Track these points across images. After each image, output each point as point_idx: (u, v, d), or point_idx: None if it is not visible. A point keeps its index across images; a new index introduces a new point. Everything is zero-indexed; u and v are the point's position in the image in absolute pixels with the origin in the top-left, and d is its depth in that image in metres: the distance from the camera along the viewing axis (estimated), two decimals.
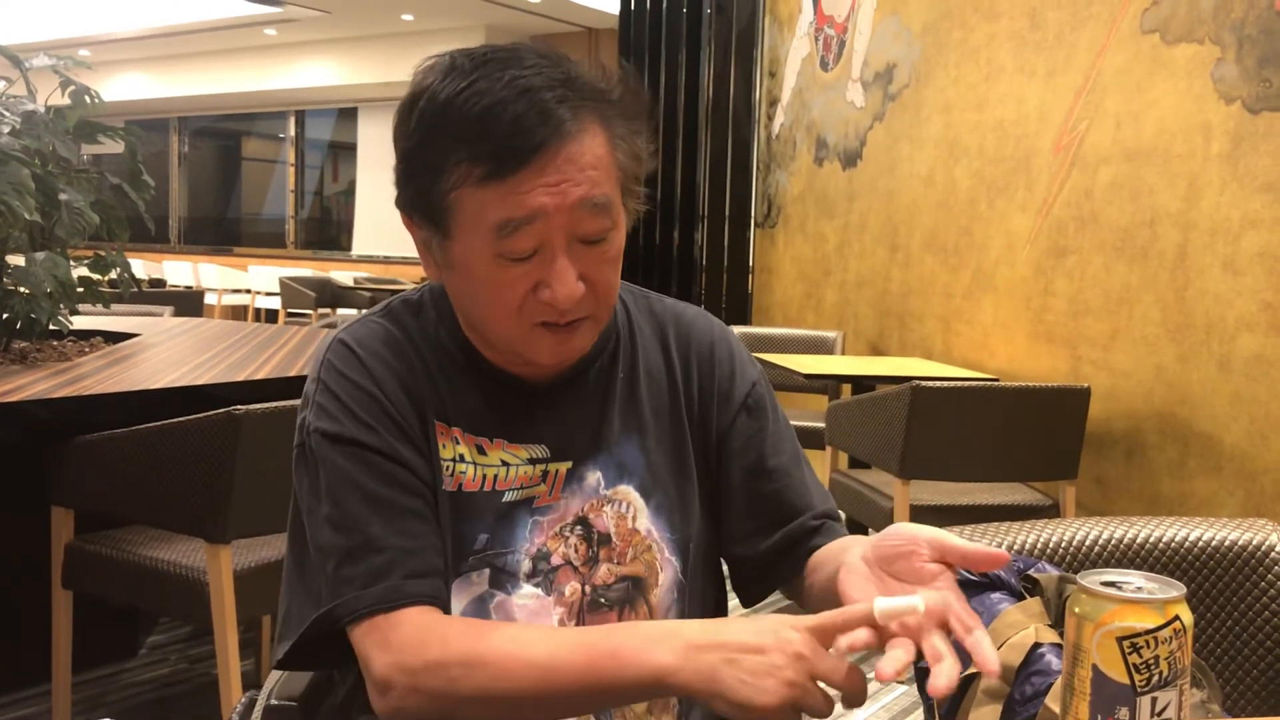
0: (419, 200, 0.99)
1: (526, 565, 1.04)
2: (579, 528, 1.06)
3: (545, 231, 0.95)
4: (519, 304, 0.98)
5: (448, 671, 0.90)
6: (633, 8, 6.65)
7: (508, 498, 1.04)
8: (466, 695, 0.90)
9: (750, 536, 1.12)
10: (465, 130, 0.93)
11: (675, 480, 1.11)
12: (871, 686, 2.91)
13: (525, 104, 0.93)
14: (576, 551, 1.06)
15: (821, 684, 0.81)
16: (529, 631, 0.95)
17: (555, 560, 1.05)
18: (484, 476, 1.04)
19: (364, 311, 1.11)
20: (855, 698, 0.81)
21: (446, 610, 0.98)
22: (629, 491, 1.08)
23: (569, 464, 1.07)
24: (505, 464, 1.05)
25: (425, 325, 1.08)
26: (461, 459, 1.04)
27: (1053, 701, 0.85)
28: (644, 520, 1.08)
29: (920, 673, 0.99)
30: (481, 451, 1.05)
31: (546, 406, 1.07)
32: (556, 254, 0.96)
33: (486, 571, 1.03)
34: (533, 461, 1.06)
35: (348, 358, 1.04)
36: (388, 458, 1.00)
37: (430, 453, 1.03)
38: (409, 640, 0.92)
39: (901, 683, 2.97)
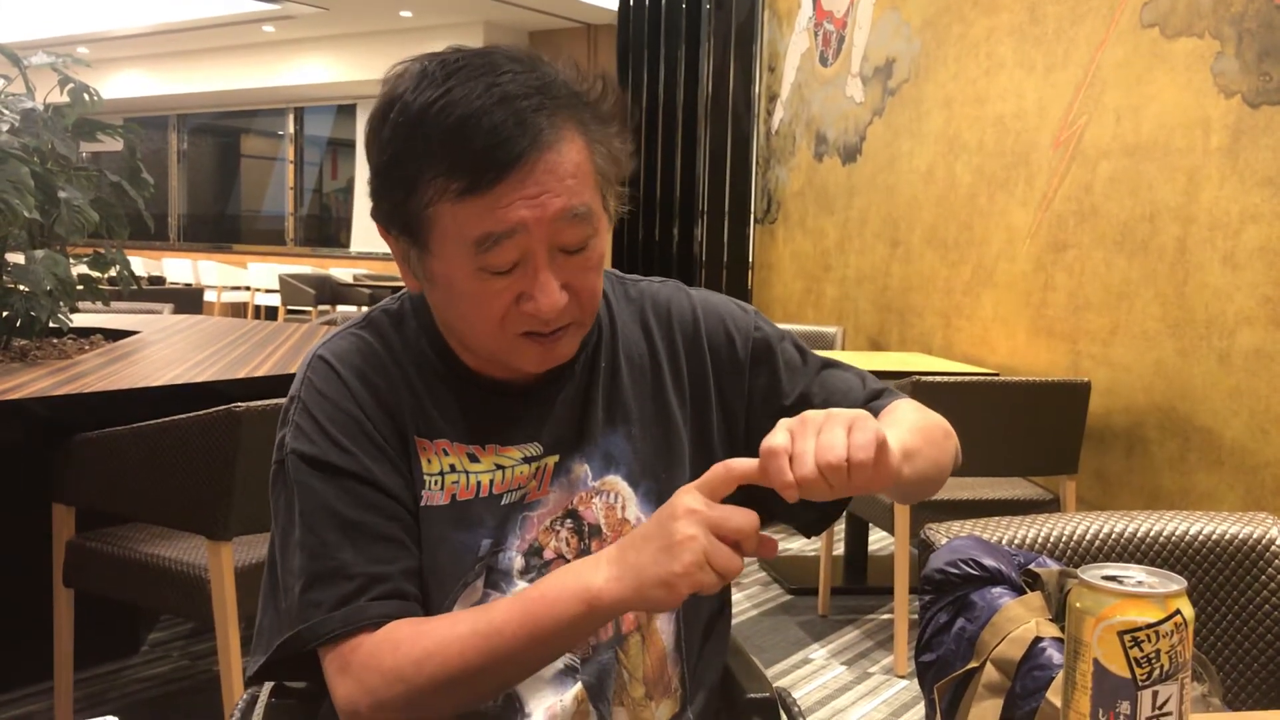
0: (395, 214, 0.97)
1: (519, 562, 1.04)
2: (569, 520, 1.06)
3: (526, 244, 0.93)
4: (502, 316, 0.96)
5: (402, 673, 0.91)
6: (631, 3, 6.64)
7: (506, 500, 1.04)
8: (426, 690, 0.91)
9: None
10: (440, 142, 0.91)
11: (664, 465, 1.10)
12: (871, 682, 2.93)
13: (502, 113, 0.90)
14: (568, 544, 1.05)
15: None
16: (470, 610, 0.96)
17: (547, 554, 1.05)
18: (478, 483, 1.03)
19: (344, 323, 1.09)
20: (759, 545, 0.85)
21: None
22: (617, 482, 1.08)
23: (556, 458, 1.07)
24: (500, 467, 1.04)
25: (407, 336, 1.06)
26: (452, 469, 1.03)
27: (1054, 695, 0.85)
28: (633, 509, 1.08)
29: (922, 667, 0.99)
30: (474, 459, 1.04)
31: (532, 405, 1.07)
32: (539, 266, 0.94)
33: (483, 573, 1.03)
34: (528, 460, 1.05)
35: (328, 375, 1.02)
36: (364, 481, 0.99)
37: (411, 471, 1.02)
38: (367, 658, 0.93)
39: (902, 677, 2.97)
